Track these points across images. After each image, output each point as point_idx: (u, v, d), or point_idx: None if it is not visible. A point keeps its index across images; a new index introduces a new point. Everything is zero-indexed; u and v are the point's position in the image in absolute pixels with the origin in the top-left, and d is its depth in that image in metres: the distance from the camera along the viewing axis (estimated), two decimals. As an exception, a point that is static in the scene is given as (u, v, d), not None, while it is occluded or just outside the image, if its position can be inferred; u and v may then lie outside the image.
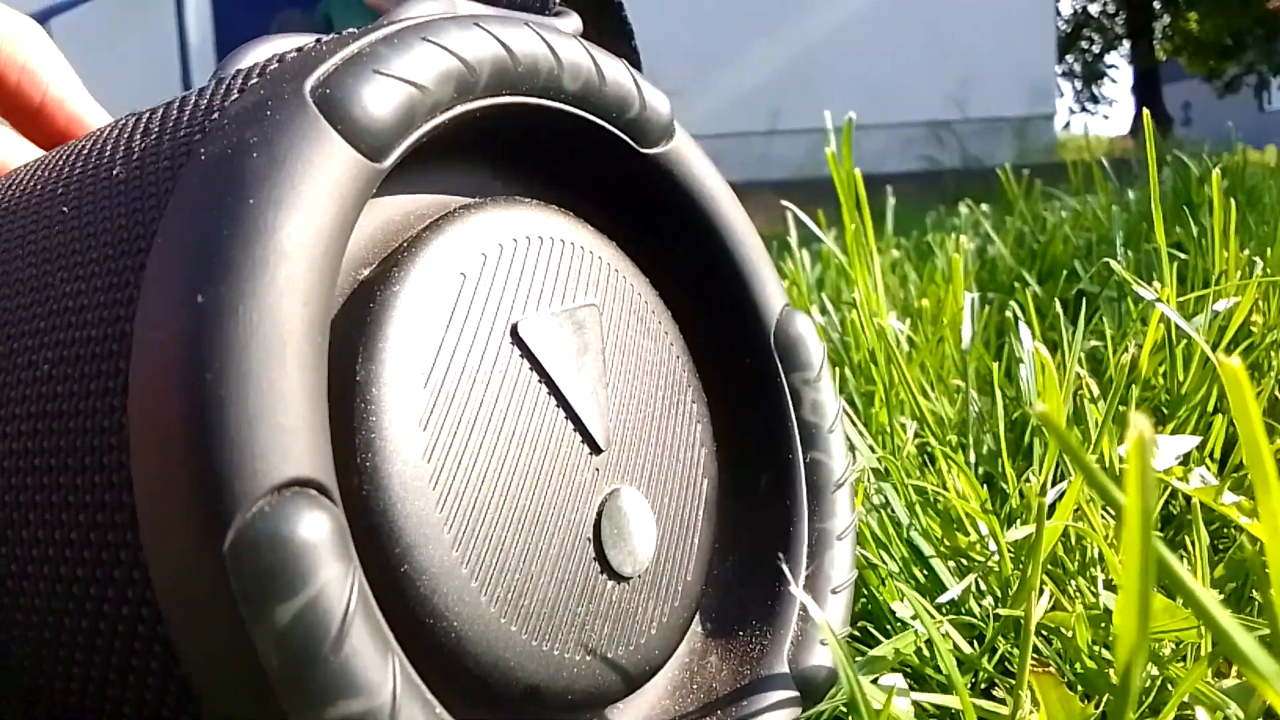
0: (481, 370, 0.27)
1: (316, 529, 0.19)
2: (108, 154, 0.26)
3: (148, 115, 0.27)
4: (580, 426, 0.29)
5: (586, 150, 0.33)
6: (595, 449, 0.30)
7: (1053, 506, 0.38)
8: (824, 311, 0.81)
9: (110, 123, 0.29)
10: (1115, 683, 0.33)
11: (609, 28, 0.41)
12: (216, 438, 0.19)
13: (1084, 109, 17.59)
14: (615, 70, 0.32)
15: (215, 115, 0.24)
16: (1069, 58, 16.91)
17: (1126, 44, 15.78)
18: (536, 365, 0.29)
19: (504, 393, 0.27)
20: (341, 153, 0.23)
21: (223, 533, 0.19)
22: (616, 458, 0.30)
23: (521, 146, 0.32)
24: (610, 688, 0.29)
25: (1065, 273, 0.92)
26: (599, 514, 0.29)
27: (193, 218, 0.21)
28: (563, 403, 0.29)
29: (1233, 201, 0.63)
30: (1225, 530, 0.47)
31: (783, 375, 0.37)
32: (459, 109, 0.27)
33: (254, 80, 0.25)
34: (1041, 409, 0.15)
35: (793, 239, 0.97)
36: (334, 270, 0.22)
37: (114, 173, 0.25)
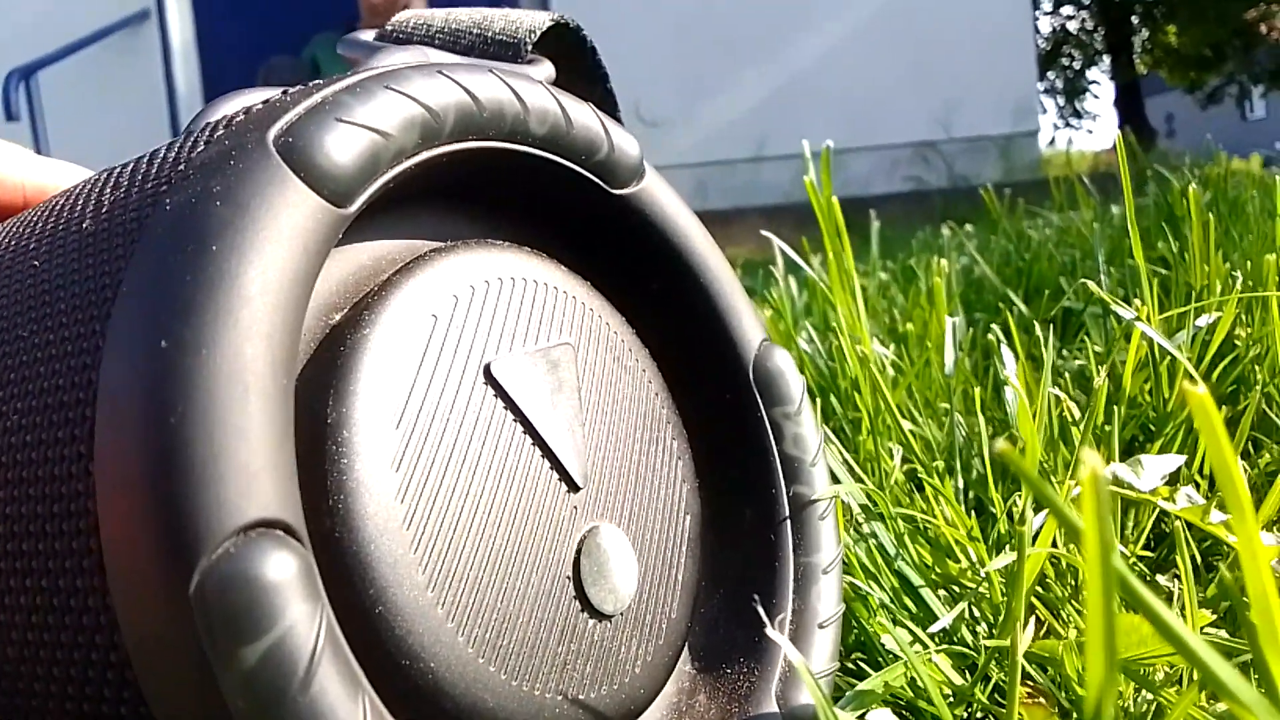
0: (455, 411, 0.27)
1: (283, 569, 0.19)
2: (78, 209, 0.26)
3: (118, 170, 0.27)
4: (557, 464, 0.29)
5: (557, 193, 0.33)
6: (573, 486, 0.29)
7: (1037, 534, 0.38)
8: (810, 339, 0.81)
9: (85, 179, 0.29)
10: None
11: (583, 72, 0.41)
12: (181, 479, 0.19)
13: (1068, 124, 17.73)
14: (582, 114, 0.32)
15: (181, 167, 0.24)
16: (1050, 74, 17.06)
17: (1107, 59, 15.94)
18: (511, 404, 0.29)
19: (478, 433, 0.27)
20: (304, 199, 0.23)
21: (188, 574, 0.19)
22: (595, 495, 0.30)
23: (492, 190, 0.32)
24: None
25: (1050, 290, 0.92)
26: (578, 552, 0.29)
27: (157, 266, 0.21)
28: (538, 441, 0.29)
29: (1212, 216, 0.63)
30: (1219, 548, 0.47)
31: (763, 409, 0.37)
32: (425, 154, 0.27)
33: (220, 132, 0.25)
34: (1001, 446, 0.15)
35: (779, 266, 0.97)
36: (299, 314, 0.22)
37: (83, 226, 0.25)
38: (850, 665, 0.41)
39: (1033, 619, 0.41)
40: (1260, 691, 0.18)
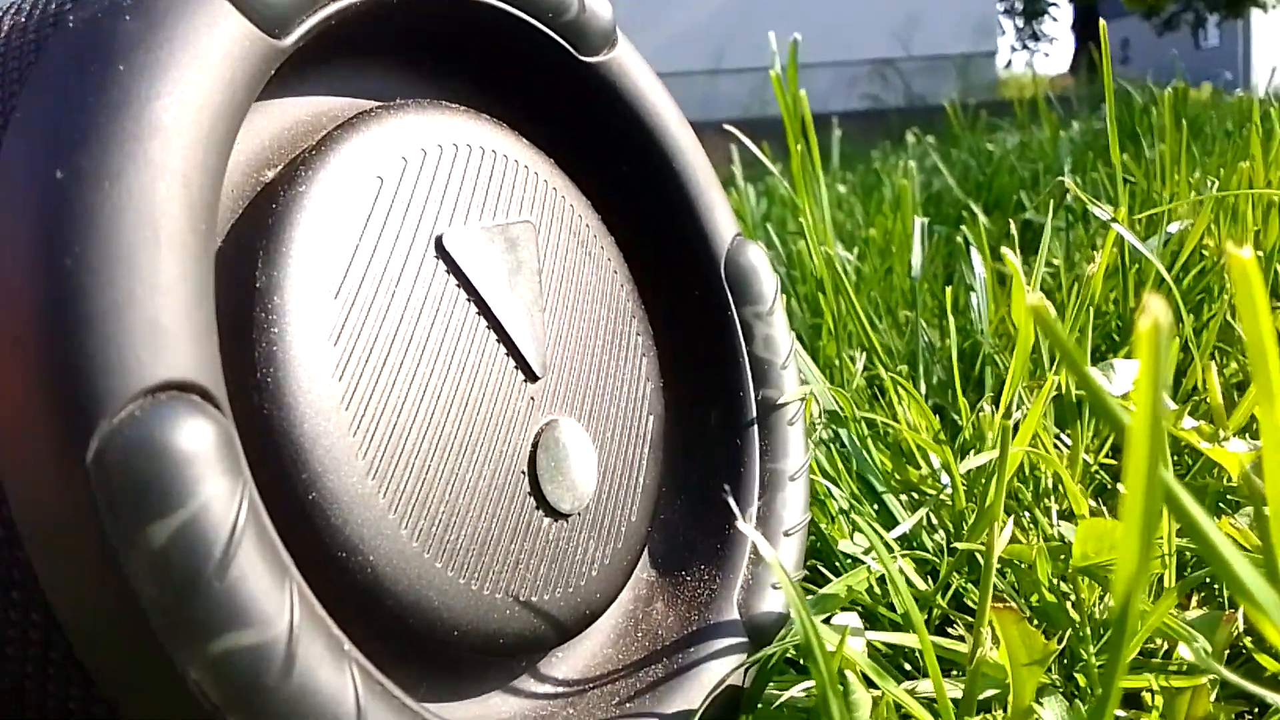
0: (401, 283, 0.24)
1: (198, 437, 0.17)
2: None
3: None
4: (514, 350, 0.27)
5: (519, 55, 0.30)
6: (531, 376, 0.27)
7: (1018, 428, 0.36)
8: (770, 245, 0.78)
9: None
10: (1075, 617, 0.32)
11: None
12: (77, 332, 0.17)
13: (1025, 47, 17.67)
14: None
15: None
16: (1011, -5, 16.93)
17: (1067, -19, 15.85)
18: (464, 281, 0.26)
19: (427, 309, 0.25)
20: (231, 21, 0.20)
21: (85, 440, 0.16)
22: (554, 387, 0.28)
23: (447, 48, 0.29)
24: (546, 633, 0.27)
25: (1013, 202, 0.90)
26: (535, 446, 0.27)
27: (54, 88, 0.19)
28: (494, 324, 0.26)
29: (1183, 123, 0.61)
30: (1177, 458, 0.46)
31: (733, 308, 0.34)
32: None
33: None
34: (1032, 300, 0.13)
35: (738, 174, 0.94)
36: (221, 154, 0.20)
37: None
38: (805, 570, 0.39)
39: (997, 524, 0.40)
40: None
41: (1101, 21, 0.46)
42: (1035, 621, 0.34)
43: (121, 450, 0.16)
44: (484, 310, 0.26)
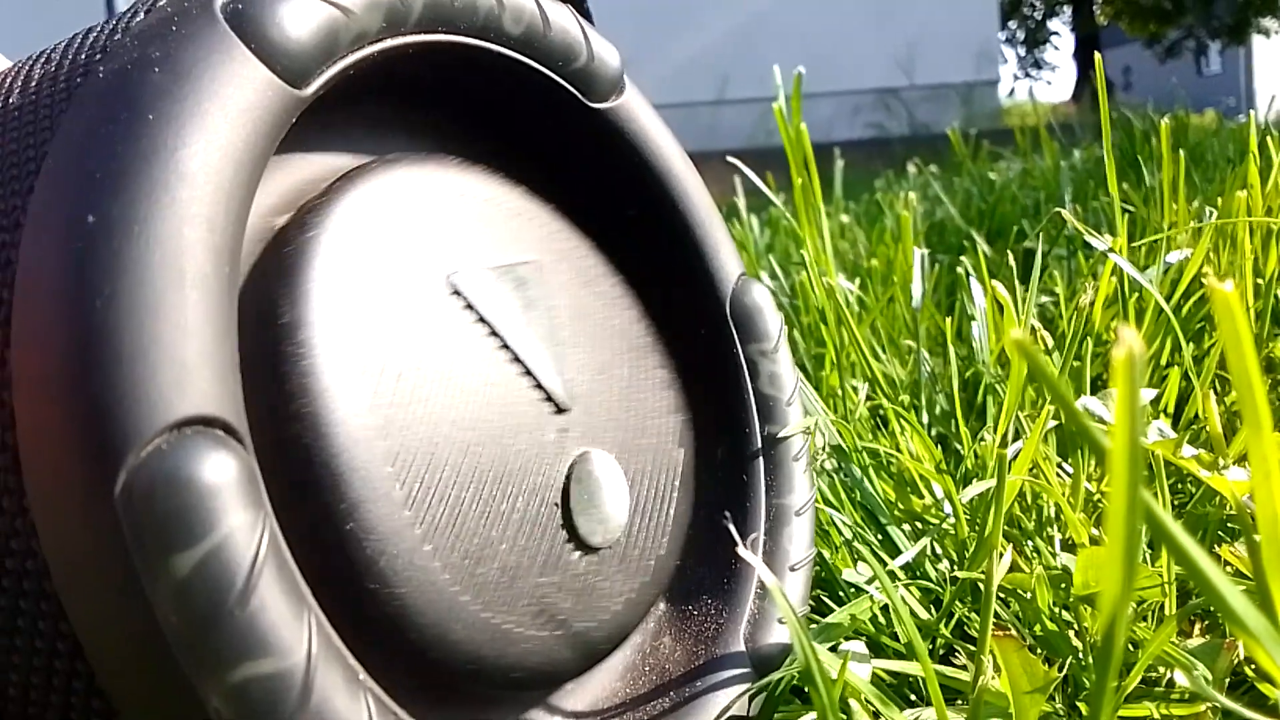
0: (421, 318, 0.25)
1: (221, 470, 0.18)
2: (4, 87, 0.24)
3: (52, 47, 0.25)
4: (538, 383, 0.27)
5: (529, 102, 0.31)
6: (558, 408, 0.27)
7: (1009, 464, 0.37)
8: (774, 275, 0.79)
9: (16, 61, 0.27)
10: (1078, 646, 0.32)
11: None
12: (106, 369, 0.17)
13: (1027, 75, 17.77)
14: (561, 16, 0.30)
15: (118, 36, 0.22)
16: (1011, 24, 17.04)
17: (1068, 9, 15.94)
18: (480, 318, 0.26)
19: (449, 344, 0.25)
20: (254, 72, 0.21)
21: (113, 474, 0.17)
22: (583, 419, 0.28)
23: (459, 95, 0.30)
24: (564, 666, 0.27)
25: (1014, 231, 0.91)
26: (568, 478, 0.27)
27: (85, 136, 0.19)
28: (514, 357, 0.27)
29: (1181, 153, 0.62)
30: (1180, 486, 0.46)
31: (739, 346, 0.35)
32: (389, 42, 0.25)
33: (163, 0, 0.23)
34: (1017, 334, 0.13)
35: (741, 203, 0.95)
36: (245, 200, 0.20)
37: (9, 102, 0.23)
38: (810, 600, 0.40)
39: (996, 553, 0.40)
40: (1267, 620, 0.16)
41: (1098, 55, 0.47)
42: (1038, 650, 0.34)
43: (148, 483, 0.17)
44: (503, 344, 0.26)
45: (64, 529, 0.17)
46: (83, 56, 0.22)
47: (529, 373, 0.27)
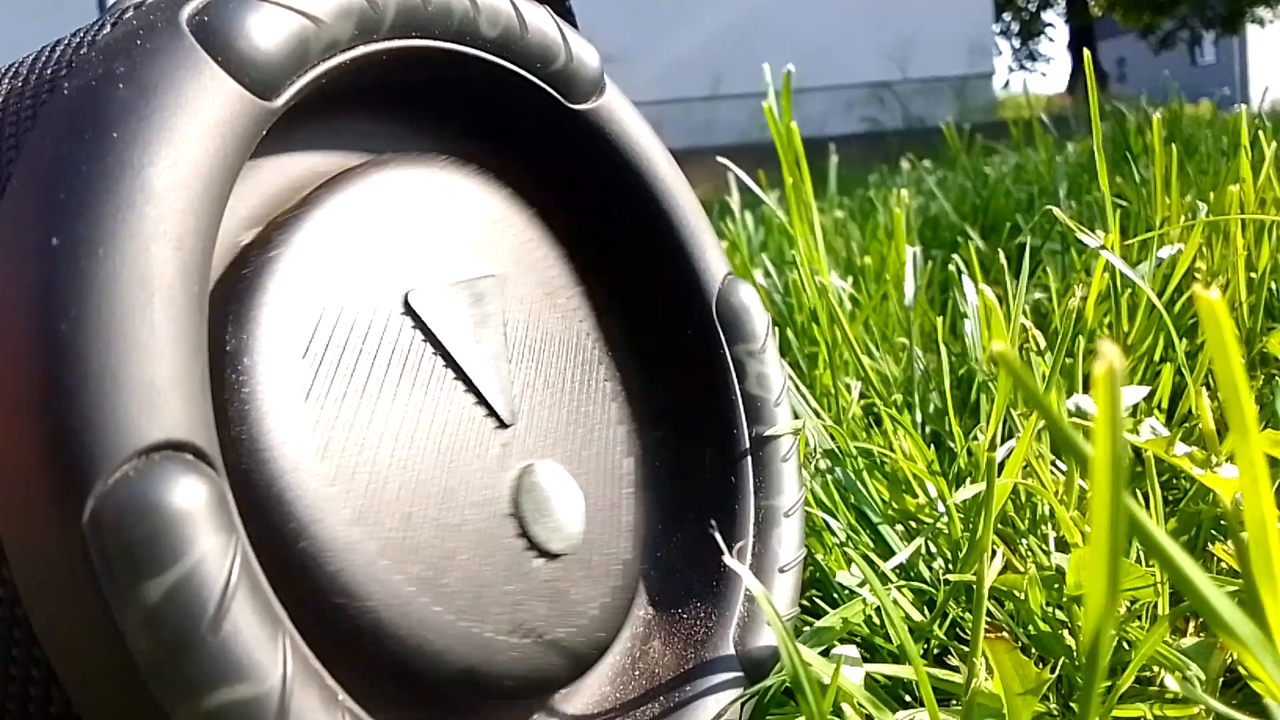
0: (369, 341, 0.25)
1: (191, 496, 0.17)
2: None
3: (20, 60, 0.24)
4: (482, 400, 0.27)
5: (508, 105, 0.31)
6: (501, 424, 0.28)
7: (1001, 464, 0.37)
8: (767, 274, 0.79)
9: None
10: (1071, 646, 0.32)
11: None
12: (72, 393, 0.17)
13: (1022, 67, 17.76)
14: (538, 18, 0.30)
15: (84, 50, 0.22)
16: (1006, 16, 17.04)
17: (1062, 1, 15.93)
18: (430, 337, 0.27)
19: (394, 364, 0.25)
20: (222, 86, 0.21)
21: (81, 501, 0.17)
22: (526, 433, 0.28)
23: (436, 100, 0.30)
24: (555, 672, 0.27)
25: (1008, 226, 0.91)
26: (517, 489, 0.27)
27: (50, 155, 0.19)
28: (461, 376, 0.27)
29: (1173, 147, 0.62)
30: (1174, 482, 0.46)
31: (725, 347, 0.35)
32: (361, 49, 0.25)
33: (130, 14, 0.22)
34: (998, 347, 0.13)
35: (734, 202, 0.95)
36: (214, 217, 0.20)
37: None
38: (804, 602, 0.39)
39: (987, 555, 0.40)
40: (1253, 624, 0.16)
41: (1086, 52, 0.47)
42: (1031, 651, 0.34)
43: (116, 510, 0.17)
44: (450, 363, 0.27)
45: (32, 556, 0.17)
46: (49, 72, 0.22)
47: (474, 390, 0.27)
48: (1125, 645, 0.32)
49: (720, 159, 0.64)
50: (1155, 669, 0.32)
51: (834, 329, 0.53)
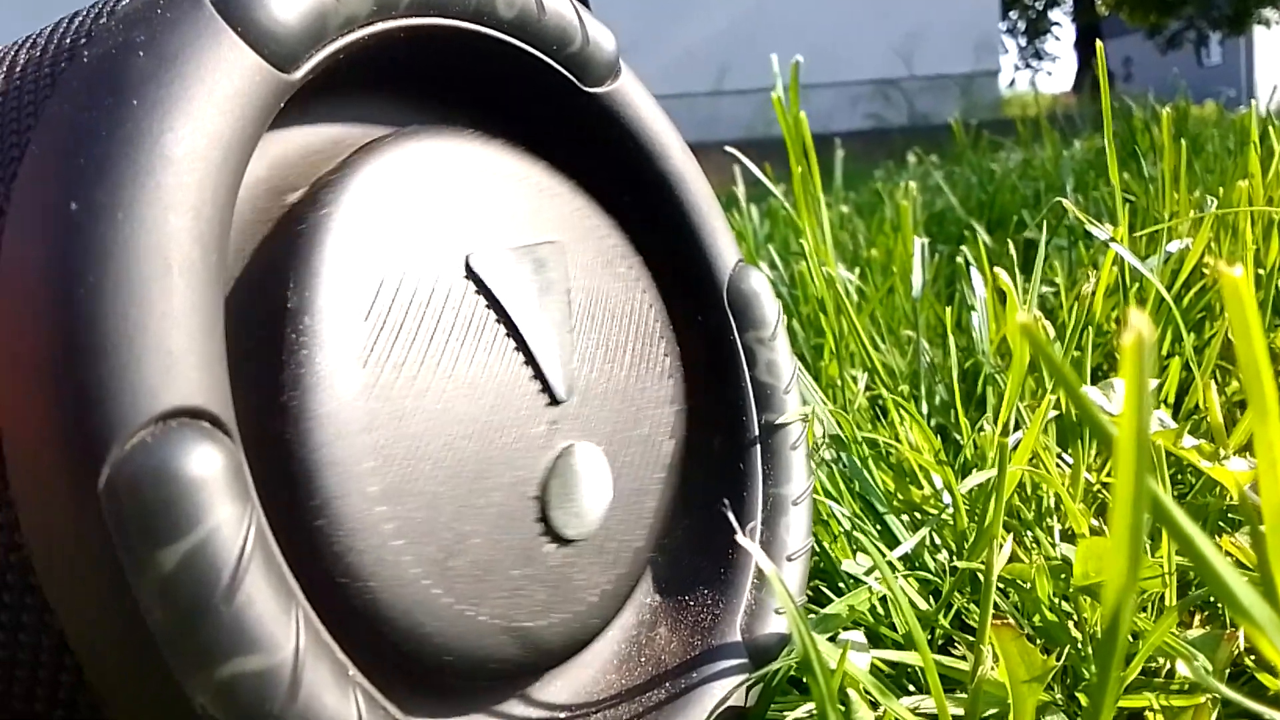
0: (432, 304, 0.24)
1: (207, 464, 0.17)
2: None
3: (38, 32, 0.24)
4: (539, 374, 0.27)
5: (523, 87, 0.31)
6: (553, 400, 0.27)
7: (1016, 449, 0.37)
8: (773, 265, 0.79)
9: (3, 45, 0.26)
10: (1077, 636, 0.32)
11: None
12: (89, 359, 0.17)
13: (1028, 65, 17.73)
14: (556, 1, 0.30)
15: (104, 20, 0.22)
16: (1012, 14, 17.00)
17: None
18: (494, 302, 0.26)
19: (456, 331, 0.25)
20: (241, 56, 0.21)
21: (97, 467, 0.17)
22: (576, 411, 0.28)
23: (452, 80, 0.30)
24: (539, 658, 0.27)
25: (1014, 221, 0.91)
26: (549, 472, 0.27)
27: (69, 122, 0.19)
28: (522, 345, 0.26)
29: (1182, 142, 0.62)
30: (1180, 476, 0.46)
31: (736, 334, 0.35)
32: (379, 26, 0.25)
33: None
34: (1024, 318, 0.13)
35: (741, 193, 0.95)
36: (231, 186, 0.20)
37: None
38: (808, 591, 0.39)
39: (996, 543, 0.40)
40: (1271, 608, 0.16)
41: (1099, 44, 0.46)
42: (1037, 640, 0.34)
43: (132, 477, 0.17)
44: (512, 331, 0.26)
45: (47, 523, 0.17)
46: (68, 41, 0.22)
47: (532, 362, 0.27)
48: (1132, 636, 0.32)
49: (728, 148, 0.64)
50: (1161, 660, 0.32)
51: (841, 320, 0.53)
